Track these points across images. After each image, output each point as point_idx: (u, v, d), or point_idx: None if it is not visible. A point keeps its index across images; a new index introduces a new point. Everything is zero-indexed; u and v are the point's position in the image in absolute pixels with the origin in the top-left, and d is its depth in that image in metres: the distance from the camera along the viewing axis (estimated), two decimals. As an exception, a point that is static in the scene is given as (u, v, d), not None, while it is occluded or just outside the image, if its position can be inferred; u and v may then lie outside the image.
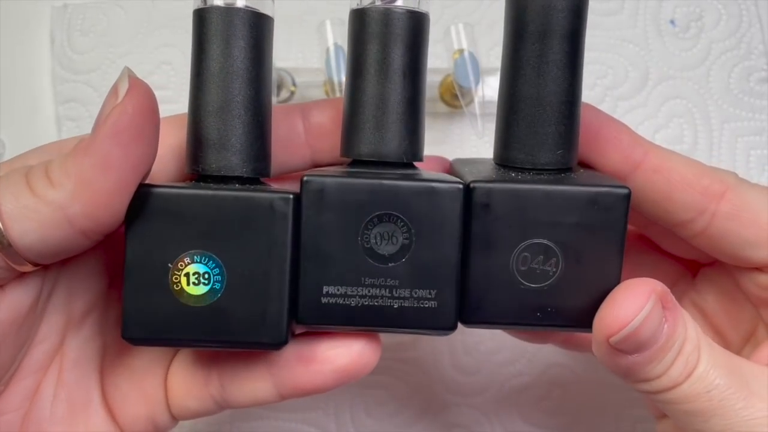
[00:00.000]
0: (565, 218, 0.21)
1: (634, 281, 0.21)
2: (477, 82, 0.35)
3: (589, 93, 0.38)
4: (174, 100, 0.38)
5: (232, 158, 0.22)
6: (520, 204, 0.21)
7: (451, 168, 0.27)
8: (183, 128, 0.23)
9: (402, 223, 0.21)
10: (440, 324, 0.22)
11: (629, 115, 0.38)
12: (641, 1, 0.39)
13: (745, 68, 0.38)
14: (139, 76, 0.38)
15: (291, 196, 0.21)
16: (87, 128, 0.37)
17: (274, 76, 0.35)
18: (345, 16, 0.23)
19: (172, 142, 0.24)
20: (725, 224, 0.24)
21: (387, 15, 0.22)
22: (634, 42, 0.39)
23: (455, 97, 0.36)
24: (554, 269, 0.21)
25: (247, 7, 0.22)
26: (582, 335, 0.28)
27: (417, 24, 0.22)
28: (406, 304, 0.21)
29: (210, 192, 0.21)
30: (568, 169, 0.23)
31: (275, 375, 0.23)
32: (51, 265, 0.22)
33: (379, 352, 0.23)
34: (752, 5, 0.39)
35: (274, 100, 0.35)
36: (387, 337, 0.29)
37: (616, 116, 0.37)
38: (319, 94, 0.36)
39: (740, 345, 0.27)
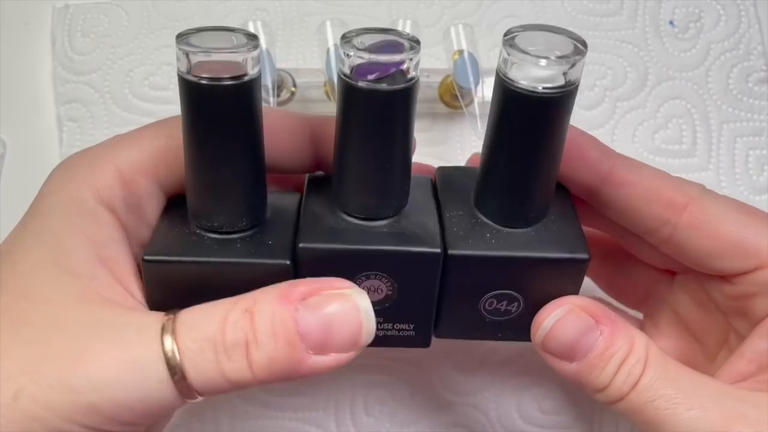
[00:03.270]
0: (529, 276, 0.24)
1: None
2: (477, 83, 0.35)
3: (589, 94, 0.38)
4: (174, 101, 0.38)
5: (231, 217, 0.23)
6: (490, 266, 0.24)
7: (434, 178, 0.27)
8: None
9: (386, 279, 0.24)
10: (417, 344, 0.26)
11: (628, 115, 0.38)
12: (640, 1, 0.40)
13: (744, 69, 0.39)
14: (140, 77, 0.39)
15: (288, 263, 0.23)
16: (88, 129, 0.38)
17: (275, 76, 0.35)
18: (345, 17, 0.23)
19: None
20: (687, 234, 0.25)
21: (373, 94, 0.21)
22: (634, 43, 0.39)
23: (455, 98, 0.36)
24: (516, 309, 0.25)
25: (231, 81, 0.21)
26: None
27: (405, 97, 0.21)
28: (389, 333, 0.25)
29: (213, 259, 0.23)
30: (541, 220, 0.25)
31: None
32: None
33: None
34: (751, 6, 0.39)
35: (273, 101, 0.35)
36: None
37: (615, 117, 0.38)
38: (319, 94, 0.36)
39: (716, 350, 0.27)
